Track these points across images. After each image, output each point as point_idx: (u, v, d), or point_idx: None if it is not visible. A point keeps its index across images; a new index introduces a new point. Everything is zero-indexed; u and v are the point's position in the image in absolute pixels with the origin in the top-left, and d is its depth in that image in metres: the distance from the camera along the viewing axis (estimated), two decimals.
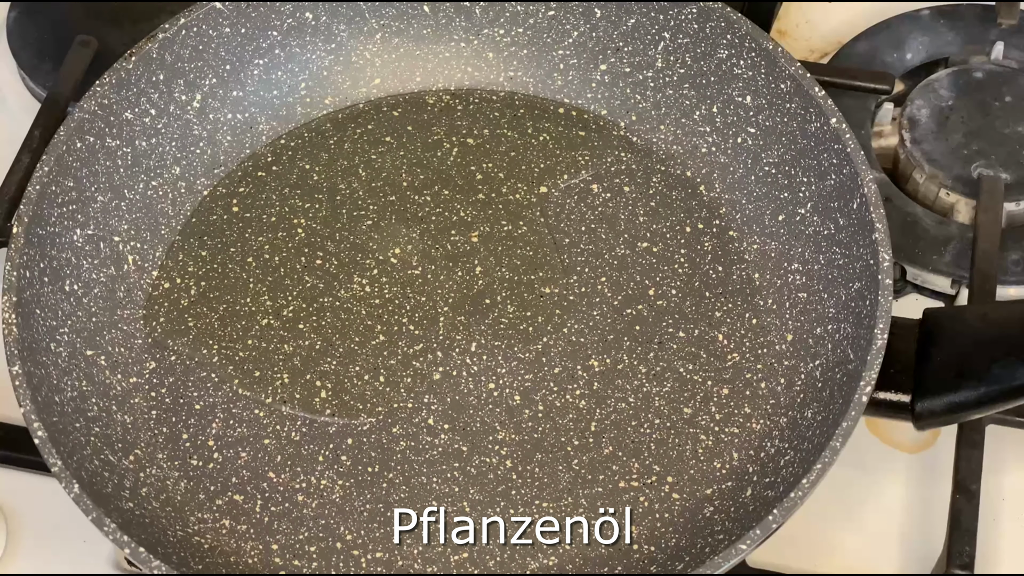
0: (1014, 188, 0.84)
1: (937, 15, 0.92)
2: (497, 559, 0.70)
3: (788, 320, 0.76)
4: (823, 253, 0.75)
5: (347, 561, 0.71)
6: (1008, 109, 0.87)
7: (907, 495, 0.77)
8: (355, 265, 0.79)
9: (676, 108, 0.82)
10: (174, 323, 0.77)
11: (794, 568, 0.74)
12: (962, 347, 0.70)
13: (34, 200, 0.74)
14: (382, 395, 0.75)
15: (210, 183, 0.82)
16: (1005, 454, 0.77)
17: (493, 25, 0.84)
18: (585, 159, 0.82)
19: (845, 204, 0.74)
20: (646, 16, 0.81)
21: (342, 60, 0.85)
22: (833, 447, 0.66)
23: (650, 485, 0.72)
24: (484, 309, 0.78)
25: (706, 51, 0.80)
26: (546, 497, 0.72)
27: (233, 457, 0.73)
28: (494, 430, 0.74)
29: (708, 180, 0.81)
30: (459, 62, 0.85)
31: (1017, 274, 0.82)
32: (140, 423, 0.74)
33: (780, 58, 0.77)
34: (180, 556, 0.69)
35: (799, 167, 0.77)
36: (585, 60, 0.84)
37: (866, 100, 0.88)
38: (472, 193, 0.81)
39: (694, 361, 0.76)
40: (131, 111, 0.79)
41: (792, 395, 0.73)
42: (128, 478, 0.71)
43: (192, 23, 0.80)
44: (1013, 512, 0.76)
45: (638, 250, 0.79)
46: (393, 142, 0.83)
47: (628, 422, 0.74)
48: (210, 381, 0.76)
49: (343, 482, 0.73)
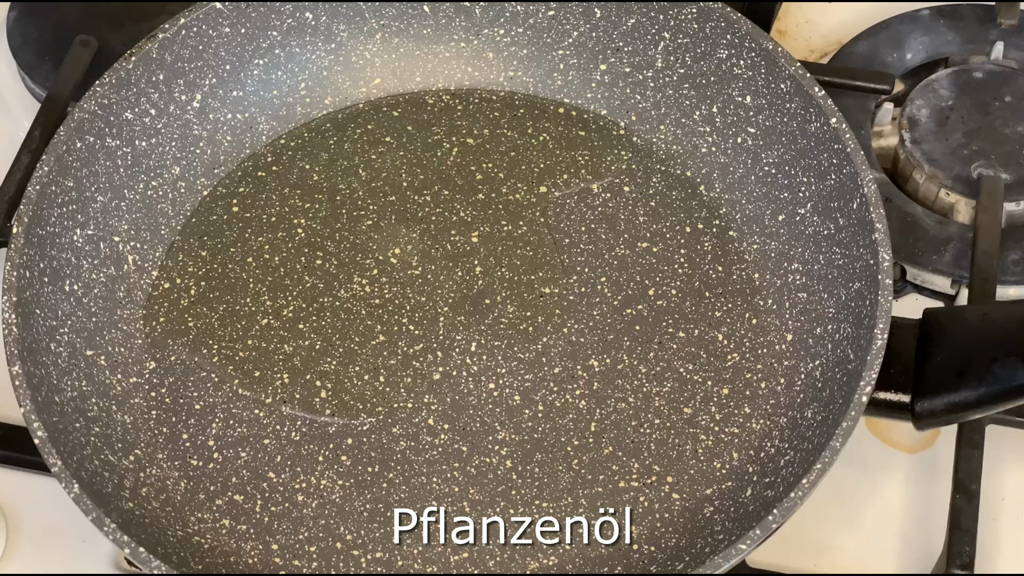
0: (1014, 188, 0.84)
1: (937, 15, 0.92)
2: (497, 559, 0.70)
3: (788, 320, 0.76)
4: (823, 253, 0.76)
5: (347, 561, 0.71)
6: (1008, 109, 0.87)
7: (907, 495, 0.77)
8: (355, 265, 0.79)
9: (676, 108, 0.82)
10: (174, 323, 0.77)
11: (794, 568, 0.74)
12: (962, 347, 0.70)
13: (34, 200, 0.74)
14: (382, 395, 0.75)
15: (210, 183, 0.82)
16: (1005, 454, 0.77)
17: (493, 25, 0.84)
18: (585, 159, 0.82)
19: (845, 204, 0.74)
20: (646, 16, 0.81)
21: (342, 60, 0.85)
22: (833, 447, 0.66)
23: (650, 485, 0.72)
24: (484, 309, 0.78)
25: (706, 51, 0.80)
26: (546, 497, 0.72)
27: (233, 457, 0.73)
28: (494, 430, 0.74)
29: (708, 180, 0.81)
30: (459, 62, 0.85)
31: (1017, 274, 0.82)
32: (140, 423, 0.74)
33: (780, 58, 0.77)
34: (180, 556, 0.69)
35: (799, 167, 0.77)
36: (585, 60, 0.84)
37: (866, 100, 0.88)
38: (472, 193, 0.81)
39: (694, 361, 0.76)
40: (131, 111, 0.79)
41: (792, 395, 0.73)
42: (128, 478, 0.71)
43: (192, 23, 0.80)
44: (1013, 512, 0.76)
45: (638, 250, 0.79)
46: (393, 142, 0.83)
47: (628, 422, 0.74)
48: (210, 381, 0.76)
49: (343, 482, 0.73)
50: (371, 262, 0.79)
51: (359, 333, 0.77)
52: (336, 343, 0.77)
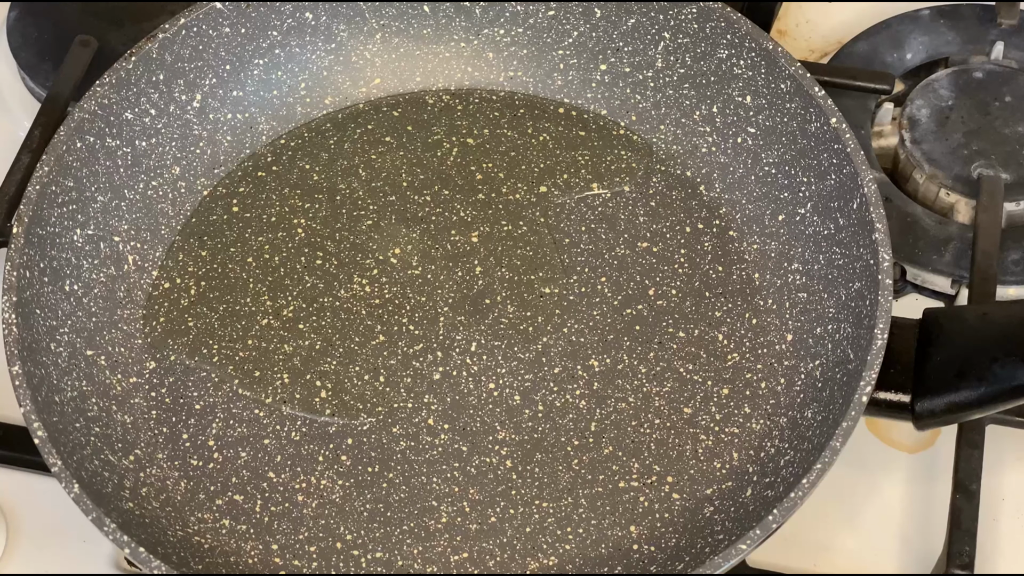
0: (1014, 188, 0.84)
1: (937, 15, 0.92)
2: (497, 559, 0.70)
3: (788, 320, 0.76)
4: (823, 253, 0.75)
5: (347, 561, 0.71)
6: (1008, 109, 0.87)
7: (907, 495, 0.77)
8: (355, 265, 0.79)
9: (676, 108, 0.82)
10: (174, 323, 0.77)
11: (794, 568, 0.74)
12: (962, 347, 0.70)
13: (34, 200, 0.74)
14: (382, 395, 0.75)
15: (210, 183, 0.82)
16: (1005, 454, 0.77)
17: (493, 25, 0.84)
18: (585, 159, 0.82)
19: (845, 204, 0.74)
20: (646, 16, 0.81)
21: (342, 60, 0.85)
22: (833, 447, 0.66)
23: (650, 485, 0.72)
24: (484, 309, 0.78)
25: (706, 51, 0.80)
26: (546, 497, 0.72)
27: (233, 457, 0.73)
28: (494, 430, 0.74)
29: (708, 180, 0.81)
30: (459, 62, 0.85)
31: (1017, 274, 0.82)
32: (140, 423, 0.74)
33: (780, 58, 0.77)
34: (180, 556, 0.69)
35: (799, 167, 0.77)
36: (585, 60, 0.84)
37: (866, 100, 0.88)
38: (472, 193, 0.81)
39: (694, 361, 0.76)
40: (131, 111, 0.79)
41: (792, 395, 0.73)
42: (128, 478, 0.71)
43: (192, 23, 0.80)
44: (1013, 512, 0.76)
45: (638, 250, 0.79)
46: (393, 142, 0.83)
47: (628, 422, 0.74)
48: (210, 381, 0.76)
49: (343, 482, 0.73)
50: (371, 262, 0.79)
51: (359, 333, 0.77)
52: (336, 343, 0.77)
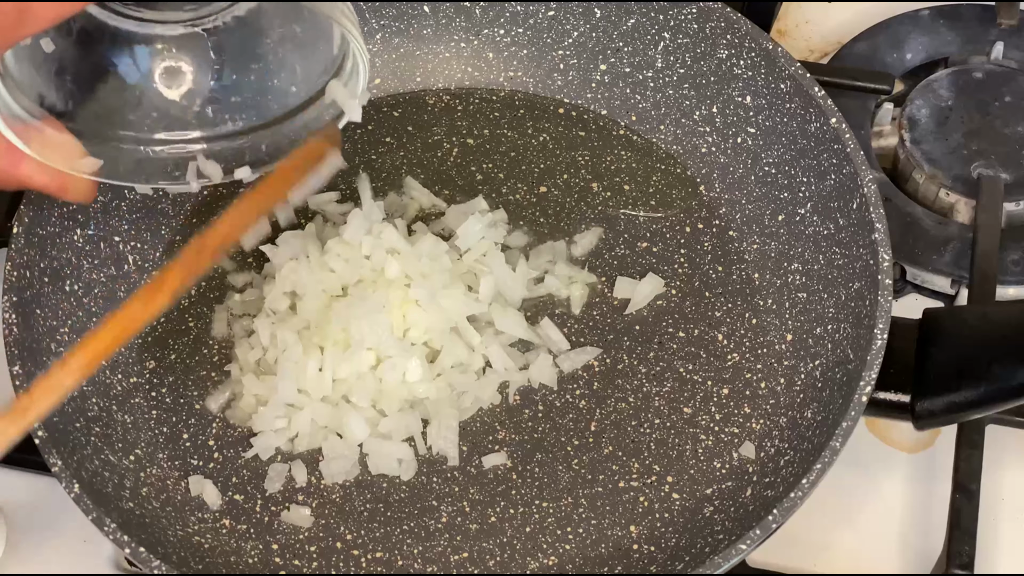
0: (1014, 188, 0.84)
1: (937, 15, 0.92)
2: (497, 559, 0.70)
3: (788, 320, 0.76)
4: (823, 253, 0.76)
5: (347, 561, 0.71)
6: (1008, 109, 0.87)
7: (907, 495, 0.77)
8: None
9: (676, 108, 0.82)
10: (174, 323, 0.77)
11: (794, 568, 0.74)
12: (962, 347, 0.70)
13: (34, 200, 0.74)
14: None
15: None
16: (1005, 454, 0.77)
17: (493, 25, 0.84)
18: (585, 159, 0.82)
19: (845, 204, 0.74)
20: (646, 16, 0.81)
21: None
22: (833, 447, 0.66)
23: (650, 485, 0.72)
24: None
25: (706, 51, 0.80)
26: (546, 497, 0.72)
27: (233, 457, 0.73)
28: (494, 430, 0.74)
29: (708, 180, 0.81)
30: (459, 62, 0.85)
31: (1017, 274, 0.82)
32: (140, 423, 0.74)
33: (780, 58, 0.77)
34: (180, 556, 0.69)
35: (799, 167, 0.77)
36: (585, 60, 0.84)
37: (866, 100, 0.88)
38: (472, 193, 0.81)
39: (694, 361, 0.76)
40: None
41: (792, 395, 0.73)
42: (128, 478, 0.71)
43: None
44: (1013, 512, 0.76)
45: (638, 250, 0.79)
46: (393, 142, 0.83)
47: (628, 422, 0.74)
48: (210, 380, 0.76)
49: (343, 482, 0.73)
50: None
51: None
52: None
